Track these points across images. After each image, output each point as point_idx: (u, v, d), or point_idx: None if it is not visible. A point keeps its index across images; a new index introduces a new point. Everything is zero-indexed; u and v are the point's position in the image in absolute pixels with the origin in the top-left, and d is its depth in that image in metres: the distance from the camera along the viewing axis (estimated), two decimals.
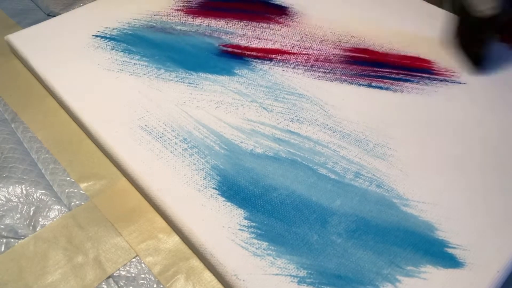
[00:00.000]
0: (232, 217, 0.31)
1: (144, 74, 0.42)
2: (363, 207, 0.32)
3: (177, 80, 0.41)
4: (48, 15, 0.52)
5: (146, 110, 0.39)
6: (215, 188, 0.33)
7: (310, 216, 0.32)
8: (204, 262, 0.31)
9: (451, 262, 0.29)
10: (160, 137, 0.36)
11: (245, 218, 0.31)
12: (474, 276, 0.29)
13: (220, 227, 0.31)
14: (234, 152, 0.36)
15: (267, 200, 0.32)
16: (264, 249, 0.30)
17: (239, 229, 0.31)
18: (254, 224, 0.31)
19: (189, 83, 0.41)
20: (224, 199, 0.32)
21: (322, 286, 0.28)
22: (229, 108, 0.39)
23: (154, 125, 0.37)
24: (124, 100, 0.39)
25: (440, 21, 0.49)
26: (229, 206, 0.32)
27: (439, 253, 0.30)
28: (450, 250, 0.30)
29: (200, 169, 0.34)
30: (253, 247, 0.30)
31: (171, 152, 0.35)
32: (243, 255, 0.29)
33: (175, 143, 0.36)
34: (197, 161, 0.35)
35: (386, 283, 0.28)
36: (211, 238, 0.30)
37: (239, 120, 0.38)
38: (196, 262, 0.31)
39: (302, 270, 0.29)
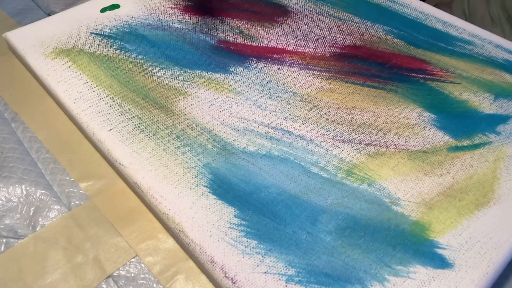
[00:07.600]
0: (222, 215, 0.31)
1: (139, 72, 0.42)
2: (353, 206, 0.32)
3: (172, 78, 0.42)
4: (49, 14, 0.53)
5: (140, 108, 0.39)
6: (206, 186, 0.33)
7: (300, 214, 0.32)
8: (193, 260, 0.31)
9: (441, 262, 0.29)
10: (154, 135, 0.37)
11: (235, 216, 0.31)
12: (463, 277, 0.29)
13: (210, 225, 0.31)
14: (227, 150, 0.36)
15: (257, 198, 0.33)
16: (253, 247, 0.30)
17: (229, 227, 0.31)
18: (244, 222, 0.31)
19: (184, 80, 0.41)
20: (215, 197, 0.33)
21: (310, 285, 0.28)
22: (223, 106, 0.39)
23: (148, 122, 0.38)
24: (118, 98, 0.40)
25: (434, 21, 0.49)
26: (219, 204, 0.32)
27: (428, 253, 0.30)
28: (439, 251, 0.30)
29: (192, 167, 0.34)
30: (242, 245, 0.30)
31: (163, 150, 0.35)
32: (232, 253, 0.30)
33: (168, 141, 0.36)
34: (190, 159, 0.35)
35: (374, 282, 0.28)
36: (200, 236, 0.30)
37: (232, 118, 0.38)
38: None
39: (290, 268, 0.29)
